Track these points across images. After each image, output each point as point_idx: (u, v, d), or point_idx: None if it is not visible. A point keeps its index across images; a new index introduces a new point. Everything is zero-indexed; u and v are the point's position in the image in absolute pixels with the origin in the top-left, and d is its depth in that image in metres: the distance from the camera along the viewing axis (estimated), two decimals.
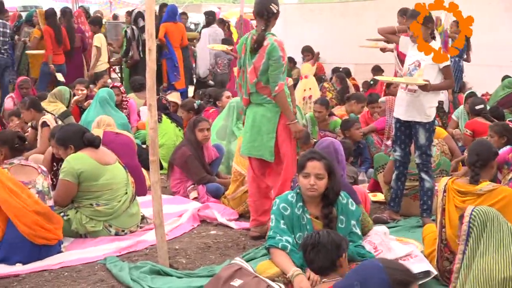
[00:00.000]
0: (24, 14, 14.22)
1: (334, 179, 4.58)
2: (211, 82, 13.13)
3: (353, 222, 4.67)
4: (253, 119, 5.81)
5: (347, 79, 12.75)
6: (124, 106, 10.02)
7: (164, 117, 8.69)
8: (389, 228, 5.48)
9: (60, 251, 5.45)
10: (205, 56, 13.27)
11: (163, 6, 13.86)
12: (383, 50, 9.74)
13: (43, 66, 11.94)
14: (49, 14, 12.07)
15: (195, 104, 9.39)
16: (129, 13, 14.11)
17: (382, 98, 8.88)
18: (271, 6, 5.69)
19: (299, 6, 21.05)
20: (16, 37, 12.42)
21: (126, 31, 13.26)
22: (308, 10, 16.89)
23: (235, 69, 6.32)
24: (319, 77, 12.24)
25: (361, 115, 9.38)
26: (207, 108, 9.54)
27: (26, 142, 5.93)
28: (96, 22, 13.56)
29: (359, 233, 4.71)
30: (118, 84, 10.36)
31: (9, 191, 5.17)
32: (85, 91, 10.16)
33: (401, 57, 9.61)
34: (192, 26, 21.63)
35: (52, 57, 11.88)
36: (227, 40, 13.45)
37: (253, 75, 5.68)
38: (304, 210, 4.61)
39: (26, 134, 7.96)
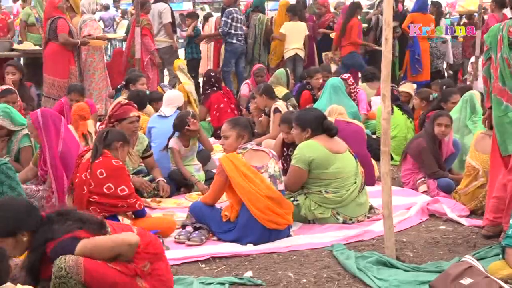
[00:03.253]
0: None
1: None
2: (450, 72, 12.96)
3: None
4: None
5: None
6: (353, 97, 9.99)
7: (395, 108, 8.52)
8: None
9: (289, 235, 5.59)
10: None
11: None
12: None
13: None
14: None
15: (431, 96, 9.10)
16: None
17: None
18: None
19: None
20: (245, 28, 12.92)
21: (370, 19, 13.27)
22: None
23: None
24: None
25: None
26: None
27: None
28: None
29: None
30: (346, 76, 10.31)
31: (243, 176, 5.38)
32: (320, 80, 10.29)
33: None
34: None
35: None
36: None
37: None
38: None
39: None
